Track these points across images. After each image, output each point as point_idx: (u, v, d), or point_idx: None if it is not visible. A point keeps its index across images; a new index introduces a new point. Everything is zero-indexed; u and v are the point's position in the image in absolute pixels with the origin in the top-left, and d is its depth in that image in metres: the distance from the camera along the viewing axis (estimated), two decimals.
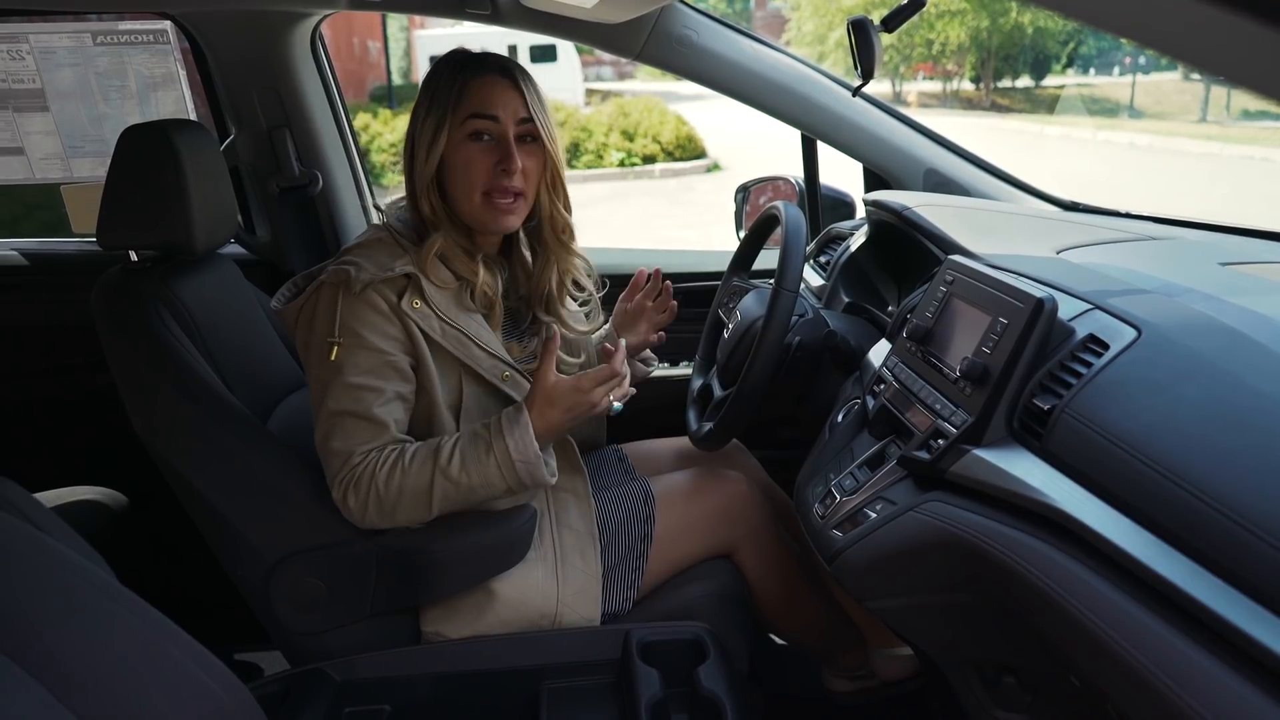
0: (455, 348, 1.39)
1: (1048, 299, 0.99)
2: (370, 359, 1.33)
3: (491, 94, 1.37)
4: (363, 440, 1.33)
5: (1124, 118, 18.22)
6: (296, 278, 1.46)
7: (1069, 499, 0.85)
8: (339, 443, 1.32)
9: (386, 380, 1.34)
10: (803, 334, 1.51)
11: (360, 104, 15.06)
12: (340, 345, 1.32)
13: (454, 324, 1.39)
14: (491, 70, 1.38)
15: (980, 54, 22.39)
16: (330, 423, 1.33)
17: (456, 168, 1.39)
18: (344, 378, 1.32)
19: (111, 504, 1.92)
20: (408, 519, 1.35)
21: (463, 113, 1.36)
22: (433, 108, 1.38)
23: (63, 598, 0.89)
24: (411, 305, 1.35)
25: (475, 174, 1.38)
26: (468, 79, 1.37)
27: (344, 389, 1.32)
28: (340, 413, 1.32)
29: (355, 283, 1.31)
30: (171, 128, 1.49)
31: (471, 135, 1.37)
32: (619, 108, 13.80)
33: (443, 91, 1.37)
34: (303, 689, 1.31)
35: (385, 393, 1.34)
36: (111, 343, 1.45)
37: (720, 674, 1.27)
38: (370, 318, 1.33)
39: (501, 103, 1.37)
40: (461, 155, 1.38)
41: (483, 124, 1.37)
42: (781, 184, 2.22)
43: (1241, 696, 0.64)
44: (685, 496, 1.56)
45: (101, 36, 2.14)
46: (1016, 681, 1.02)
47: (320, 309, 1.34)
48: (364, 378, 1.32)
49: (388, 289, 1.34)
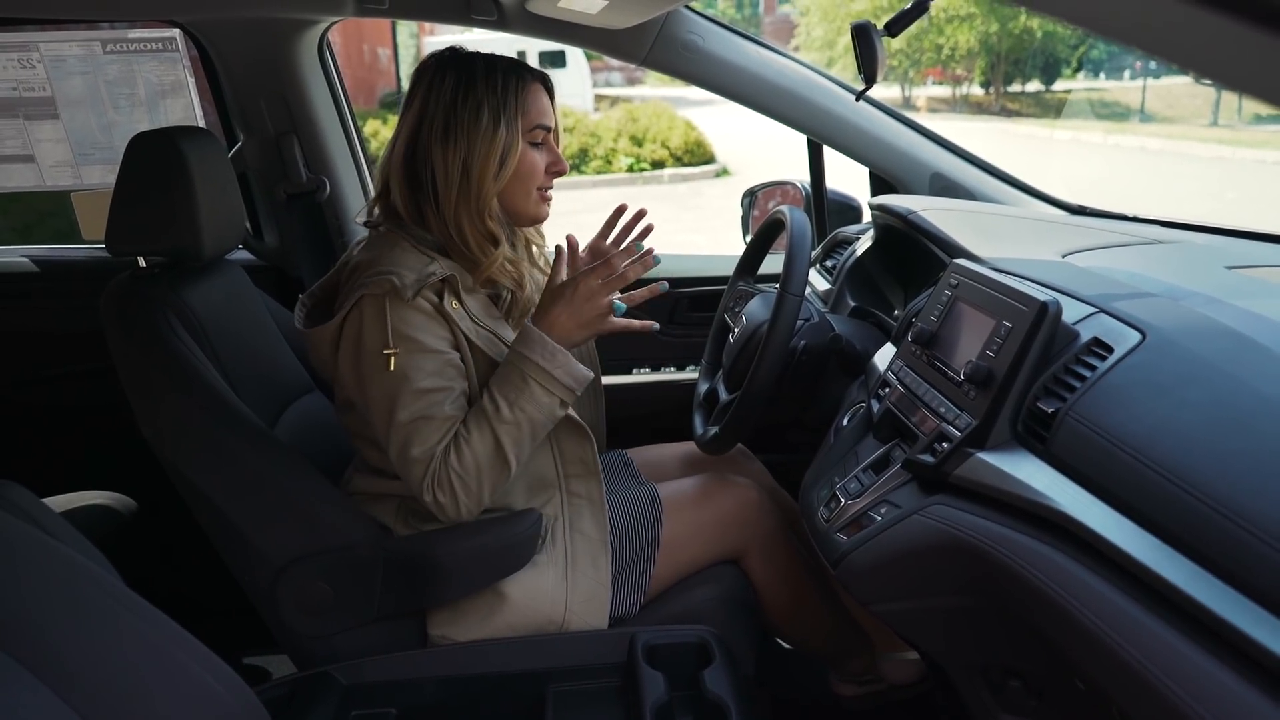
0: (489, 347, 1.40)
1: (1052, 302, 0.99)
2: (432, 361, 1.33)
3: (545, 104, 1.44)
4: (435, 441, 1.32)
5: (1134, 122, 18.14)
6: (310, 293, 1.46)
7: (1072, 502, 0.85)
8: (418, 449, 1.32)
9: (451, 380, 1.35)
10: (808, 338, 1.51)
11: (370, 111, 15.12)
12: (397, 355, 1.31)
13: (485, 325, 1.41)
14: (539, 79, 1.45)
15: (990, 58, 22.35)
16: (406, 432, 1.32)
17: (522, 173, 1.43)
18: (411, 385, 1.31)
19: (120, 508, 1.93)
20: (492, 487, 1.35)
21: (529, 121, 1.41)
22: (497, 116, 1.37)
23: (70, 601, 0.90)
24: (451, 306, 1.37)
25: (535, 176, 1.44)
26: (525, 86, 1.41)
27: (413, 395, 1.31)
28: (415, 419, 1.31)
29: (406, 290, 1.30)
30: (180, 135, 1.50)
31: (532, 144, 1.43)
32: (628, 113, 13.81)
33: (504, 98, 1.38)
34: (309, 692, 1.31)
35: (454, 390, 1.35)
36: (120, 348, 1.45)
37: (726, 678, 1.27)
38: (422, 321, 1.33)
39: (549, 112, 1.45)
40: (527, 159, 1.42)
41: (542, 134, 1.44)
42: (788, 189, 2.23)
43: (1243, 698, 0.64)
44: (692, 502, 1.56)
45: (111, 45, 2.16)
46: (1022, 685, 1.02)
47: (367, 322, 1.32)
48: (431, 380, 1.32)
49: (430, 292, 1.35)
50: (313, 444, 1.61)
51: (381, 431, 1.34)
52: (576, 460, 1.50)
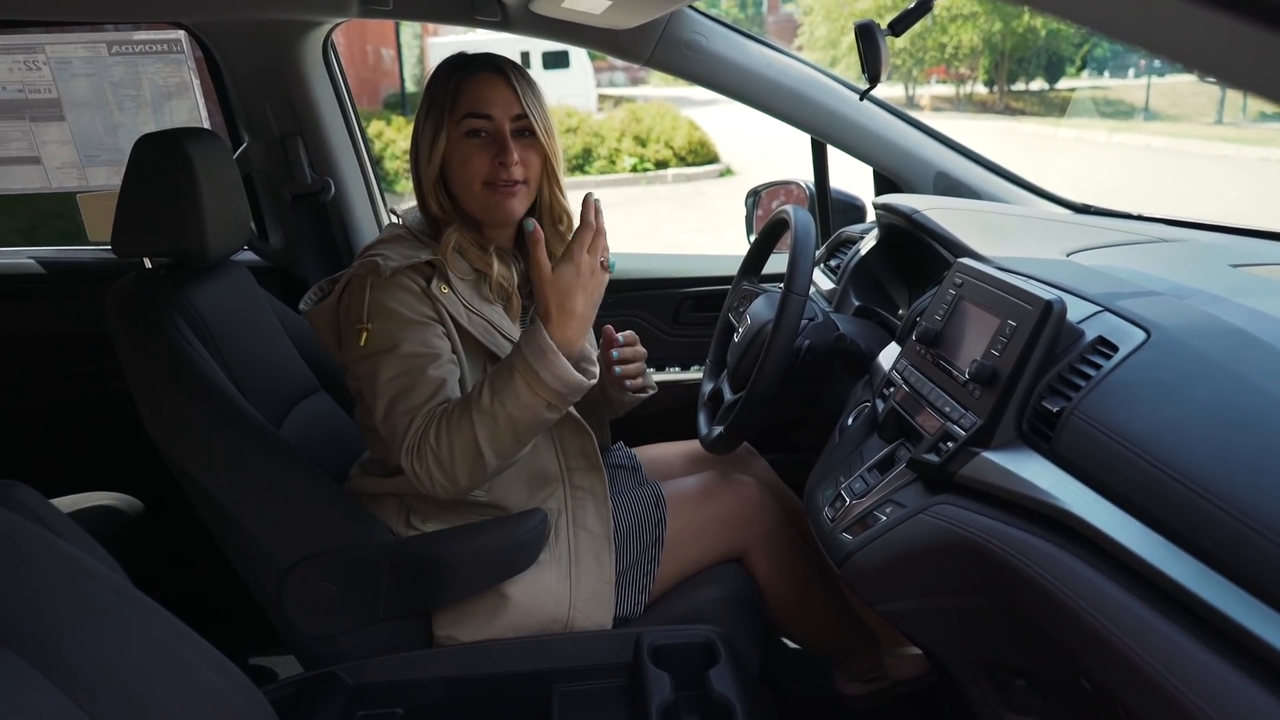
0: (481, 334, 1.41)
1: (1056, 301, 0.98)
2: (415, 330, 1.34)
3: (485, 92, 1.39)
4: (421, 401, 1.31)
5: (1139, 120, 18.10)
6: (323, 282, 1.47)
7: (1077, 501, 0.85)
8: (402, 408, 1.31)
9: (435, 349, 1.35)
10: (813, 337, 1.51)
11: (374, 111, 15.14)
12: (370, 330, 1.33)
13: (478, 312, 1.42)
14: (484, 69, 1.41)
15: (994, 57, 22.32)
16: (390, 394, 1.32)
17: (456, 165, 1.41)
18: (396, 350, 1.33)
19: (127, 509, 1.94)
20: (469, 475, 1.30)
21: (459, 112, 1.39)
22: (431, 110, 1.41)
23: (77, 601, 0.90)
24: (440, 290, 1.38)
25: (474, 169, 1.40)
26: (462, 79, 1.40)
27: (397, 359, 1.32)
28: (396, 377, 1.32)
29: (385, 269, 1.33)
30: (185, 136, 1.50)
31: (468, 134, 1.40)
32: (631, 113, 13.82)
33: (440, 93, 1.41)
34: (316, 692, 1.32)
35: (440, 357, 1.35)
36: (126, 349, 1.46)
37: (731, 677, 1.27)
38: (404, 297, 1.35)
39: (495, 100, 1.39)
40: (460, 152, 1.40)
41: (478, 122, 1.39)
42: (792, 188, 2.23)
43: (1249, 697, 0.64)
44: (697, 500, 1.56)
45: (116, 46, 2.16)
46: (1027, 684, 1.02)
47: (351, 299, 1.37)
48: (413, 346, 1.33)
49: (416, 274, 1.37)
50: (318, 445, 1.61)
51: (370, 402, 1.35)
52: (578, 454, 1.51)
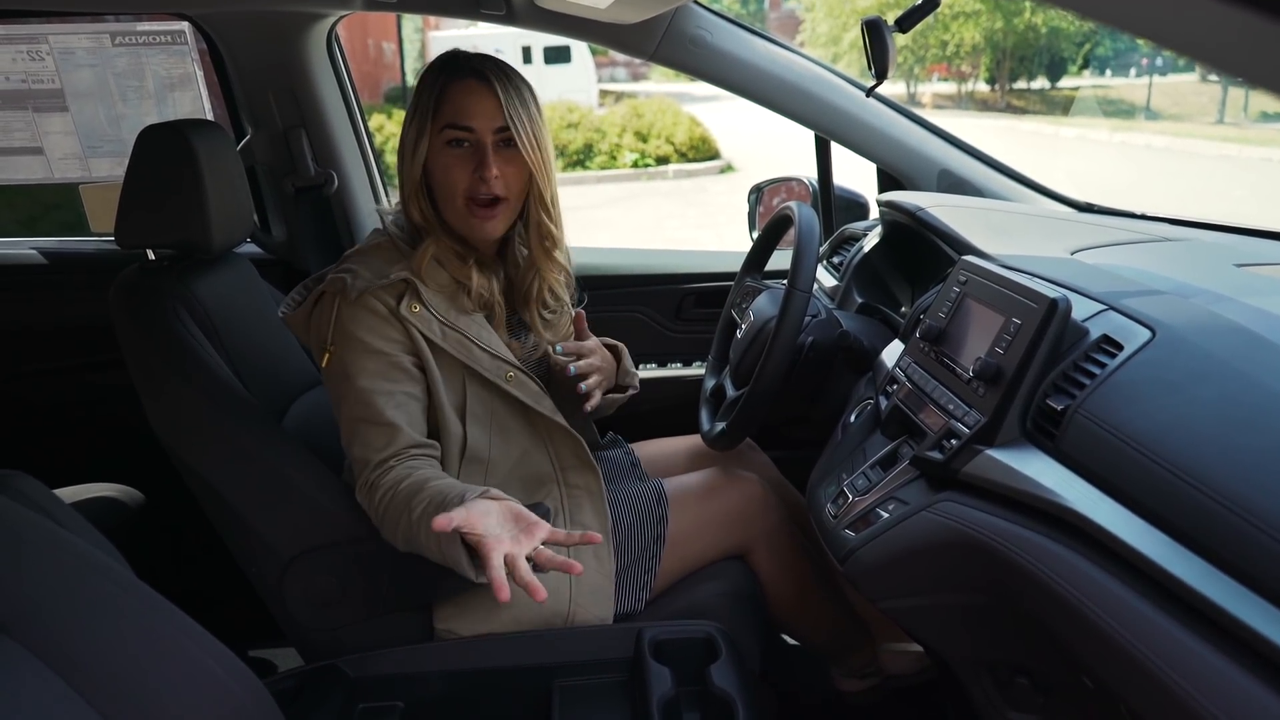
0: (456, 350, 1.39)
1: (1061, 299, 0.98)
2: (374, 361, 1.34)
3: (466, 102, 1.35)
4: (377, 447, 1.32)
5: (1140, 119, 18.10)
6: (303, 284, 1.47)
7: (1082, 499, 0.85)
8: (358, 450, 1.33)
9: (394, 381, 1.35)
10: (816, 334, 1.51)
11: (375, 105, 15.11)
12: (332, 353, 1.33)
13: (454, 326, 1.40)
14: (468, 75, 1.36)
15: (995, 55, 22.31)
16: (349, 429, 1.34)
17: (438, 173, 1.39)
18: (353, 383, 1.32)
19: (128, 501, 1.94)
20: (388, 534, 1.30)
21: (440, 121, 1.36)
22: (417, 113, 1.38)
23: (79, 591, 0.90)
24: (410, 310, 1.36)
25: (454, 180, 1.37)
26: (447, 84, 1.36)
27: (355, 394, 1.33)
28: (354, 419, 1.33)
29: (351, 290, 1.32)
30: (189, 128, 1.50)
31: (449, 143, 1.37)
32: (633, 109, 13.81)
33: (425, 97, 1.37)
34: (316, 685, 1.32)
35: (395, 395, 1.34)
36: (129, 340, 1.46)
37: (732, 673, 1.27)
38: (369, 321, 1.34)
39: (476, 112, 1.35)
40: (441, 161, 1.38)
41: (458, 133, 1.36)
42: (795, 185, 2.22)
43: (1254, 696, 0.64)
44: (699, 497, 1.56)
45: (120, 37, 2.16)
46: (1029, 682, 1.02)
47: (321, 317, 1.36)
48: (371, 380, 1.33)
49: (386, 294, 1.35)
50: (319, 437, 1.61)
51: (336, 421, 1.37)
52: (570, 454, 1.50)
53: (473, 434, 1.42)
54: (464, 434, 1.42)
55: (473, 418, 1.42)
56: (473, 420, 1.42)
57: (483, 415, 1.43)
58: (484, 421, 1.43)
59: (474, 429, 1.42)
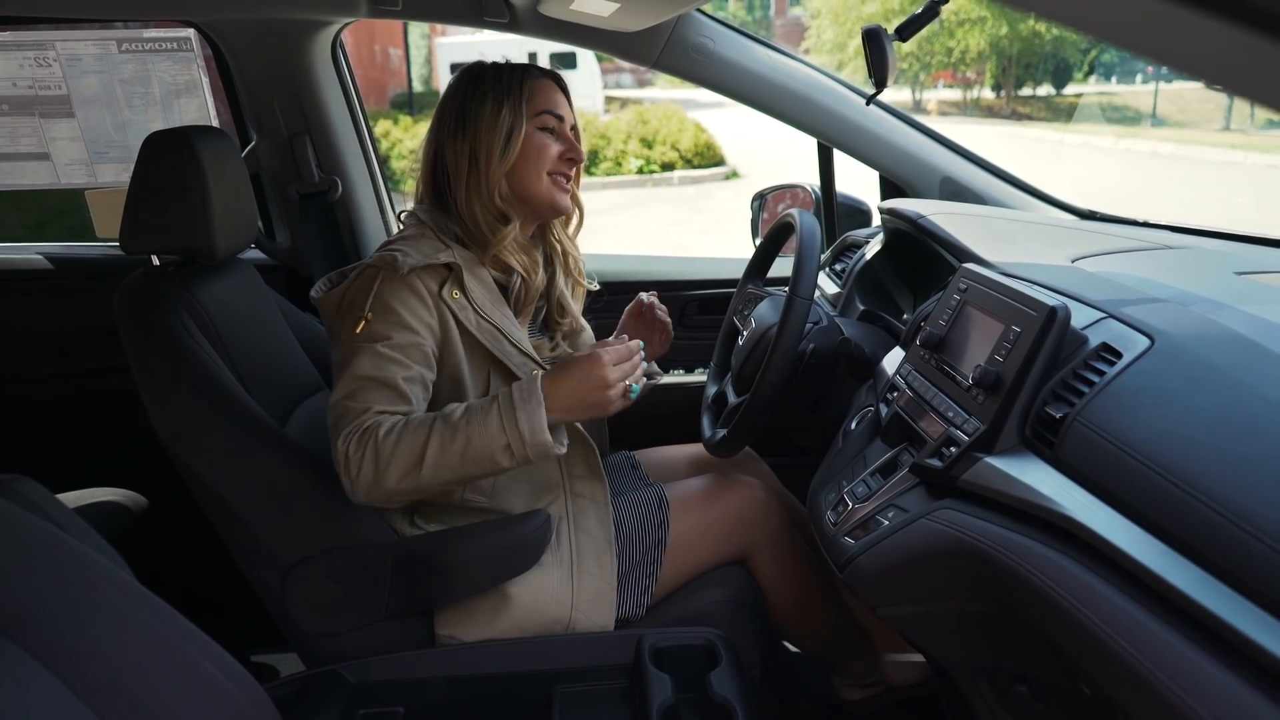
0: (489, 341, 1.42)
1: (1060, 307, 0.98)
2: (403, 336, 1.35)
3: (556, 96, 1.51)
4: (382, 402, 1.32)
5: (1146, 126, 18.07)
6: (334, 273, 1.48)
7: (1080, 507, 0.85)
8: (357, 401, 1.31)
9: (413, 360, 1.36)
10: (817, 341, 1.51)
11: (381, 111, 15.16)
12: (369, 320, 1.34)
13: (488, 318, 1.43)
14: (548, 76, 1.52)
15: (1000, 62, 22.31)
16: (352, 384, 1.32)
17: (529, 154, 1.48)
18: (375, 346, 1.33)
19: (132, 505, 1.94)
20: (396, 481, 1.27)
21: (535, 107, 1.48)
22: (500, 103, 1.45)
23: (81, 595, 0.90)
24: (451, 295, 1.40)
25: (545, 158, 1.49)
26: (533, 79, 1.49)
27: (374, 356, 1.33)
28: (365, 377, 1.32)
29: (402, 265, 1.35)
30: (194, 134, 1.51)
31: (541, 129, 1.48)
32: (638, 115, 13.82)
33: (509, 88, 1.46)
34: (318, 690, 1.32)
35: (411, 370, 1.35)
36: (133, 346, 1.46)
37: (733, 680, 1.28)
38: (409, 300, 1.36)
39: (563, 105, 1.52)
40: (534, 143, 1.47)
41: (552, 120, 1.50)
42: (798, 192, 2.23)
43: (1251, 706, 0.64)
44: (700, 502, 1.57)
45: (126, 44, 2.17)
46: (1028, 690, 1.02)
47: (360, 288, 1.38)
48: (394, 351, 1.34)
49: (430, 277, 1.39)
50: (323, 442, 1.61)
51: (335, 380, 1.36)
52: (580, 462, 1.51)
53: None
54: None
55: None
56: None
57: None
58: None
59: None
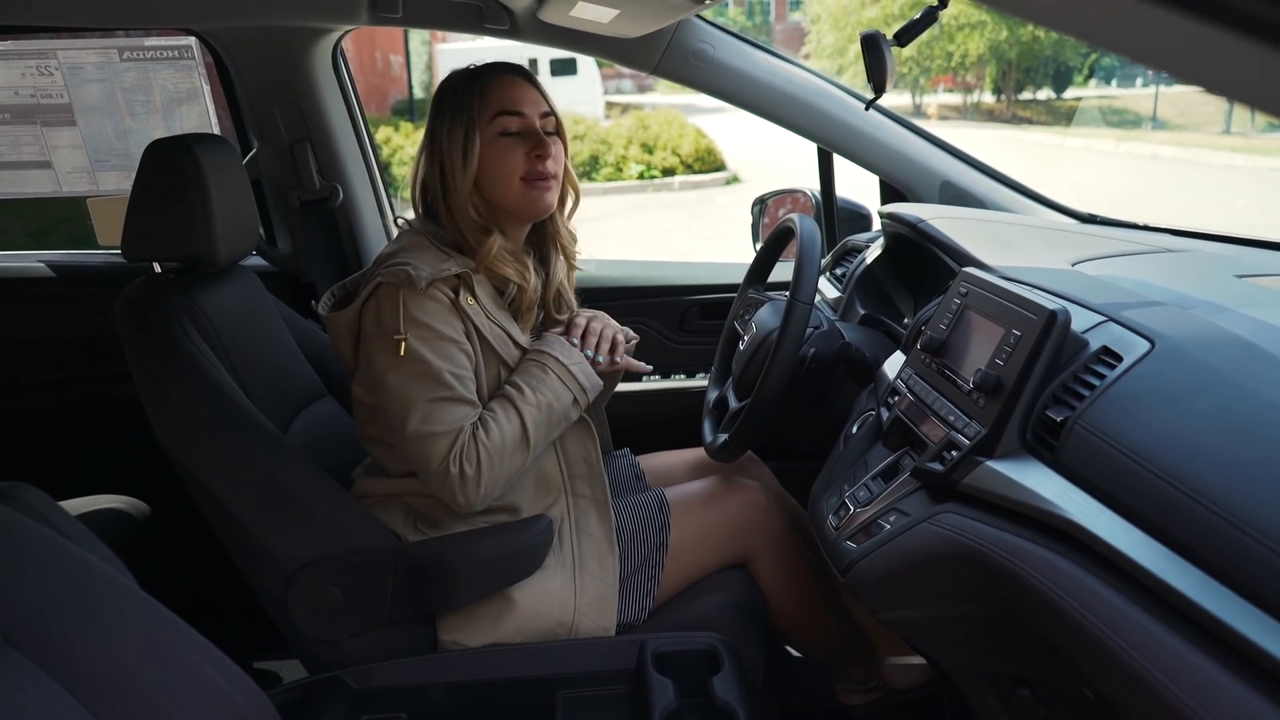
0: (500, 345, 1.44)
1: (1061, 311, 0.99)
2: (446, 347, 1.36)
3: (514, 92, 1.44)
4: (458, 416, 1.35)
5: (1146, 129, 18.07)
6: (339, 285, 1.48)
7: (1081, 511, 0.85)
8: (440, 425, 1.34)
9: (464, 367, 1.38)
10: (818, 346, 1.51)
11: (382, 117, 15.17)
12: (408, 340, 1.34)
13: (498, 322, 1.45)
14: (507, 72, 1.45)
15: (1000, 66, 22.33)
16: (425, 410, 1.34)
17: (491, 164, 1.43)
18: (430, 366, 1.34)
19: (134, 512, 1.94)
20: (513, 469, 1.39)
21: (489, 113, 1.42)
22: (456, 118, 1.42)
23: (84, 601, 0.91)
24: (467, 302, 1.40)
25: (512, 164, 1.43)
26: (486, 83, 1.43)
27: (433, 378, 1.34)
28: (434, 400, 1.34)
29: (419, 279, 1.34)
30: (195, 142, 1.51)
31: (501, 133, 1.43)
32: (638, 121, 13.82)
33: (463, 101, 1.42)
34: (320, 696, 1.32)
35: (465, 376, 1.38)
36: (135, 353, 1.47)
37: (735, 685, 1.27)
38: (437, 310, 1.37)
39: (525, 99, 1.44)
40: (494, 151, 1.43)
41: (511, 120, 1.43)
42: (798, 196, 2.23)
43: (1253, 708, 0.64)
44: (700, 505, 1.57)
45: (128, 52, 2.18)
46: (1031, 694, 1.02)
47: (384, 307, 1.37)
48: (446, 363, 1.35)
49: (445, 286, 1.39)
50: (324, 449, 1.62)
51: (398, 416, 1.35)
52: (580, 460, 1.52)
53: None
54: None
55: None
56: None
57: None
58: None
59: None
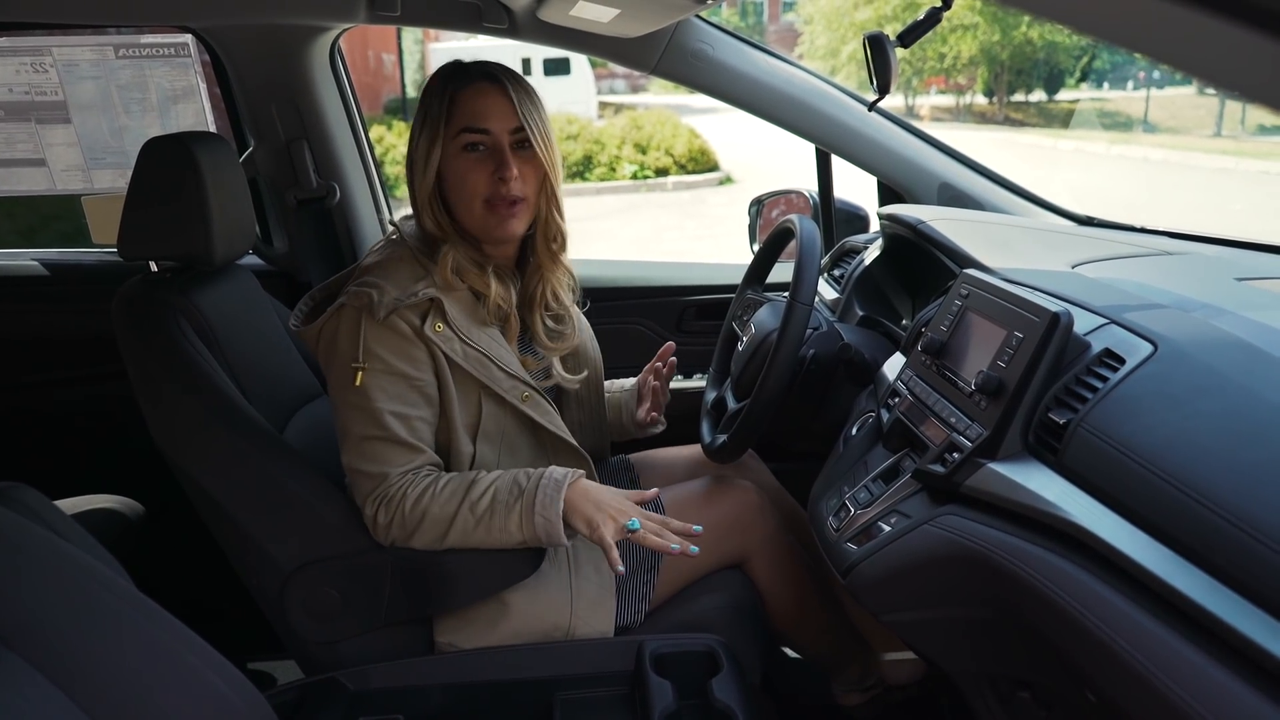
0: (477, 370, 1.39)
1: (1063, 313, 0.99)
2: (397, 385, 1.34)
3: (481, 104, 1.36)
4: (397, 462, 1.34)
5: (1138, 132, 18.17)
6: (311, 294, 1.47)
7: (1084, 513, 0.85)
8: (372, 465, 1.34)
9: (414, 406, 1.36)
10: (817, 347, 1.51)
11: (375, 116, 15.16)
12: (365, 370, 1.32)
13: (475, 345, 1.39)
14: (478, 79, 1.38)
15: (993, 68, 22.39)
16: (361, 447, 1.35)
17: (454, 180, 1.39)
18: (373, 404, 1.33)
19: (129, 513, 1.93)
20: (423, 543, 1.36)
21: (454, 126, 1.37)
22: (426, 123, 1.38)
23: (80, 602, 0.90)
24: (434, 329, 1.35)
25: (473, 185, 1.38)
26: (456, 91, 1.37)
27: (373, 415, 1.33)
28: (371, 438, 1.34)
29: (379, 308, 1.31)
30: (191, 140, 1.50)
31: (465, 148, 1.37)
32: (632, 121, 13.84)
33: (434, 106, 1.38)
34: (317, 698, 1.31)
35: (412, 419, 1.36)
36: (131, 352, 1.46)
37: (733, 686, 1.27)
38: (395, 343, 1.34)
39: (492, 114, 1.36)
40: (458, 167, 1.38)
41: (475, 137, 1.37)
42: (795, 197, 2.23)
43: (1256, 709, 0.64)
44: (696, 505, 1.56)
45: (123, 50, 2.17)
46: (1031, 696, 1.02)
47: (342, 331, 1.35)
48: (392, 404, 1.34)
49: (411, 313, 1.35)
50: (321, 449, 1.61)
51: (339, 435, 1.38)
52: (571, 466, 1.50)
53: (482, 452, 1.43)
54: (474, 452, 1.42)
55: (484, 436, 1.43)
56: (483, 438, 1.43)
57: (494, 433, 1.43)
58: (494, 440, 1.44)
59: (484, 447, 1.43)
